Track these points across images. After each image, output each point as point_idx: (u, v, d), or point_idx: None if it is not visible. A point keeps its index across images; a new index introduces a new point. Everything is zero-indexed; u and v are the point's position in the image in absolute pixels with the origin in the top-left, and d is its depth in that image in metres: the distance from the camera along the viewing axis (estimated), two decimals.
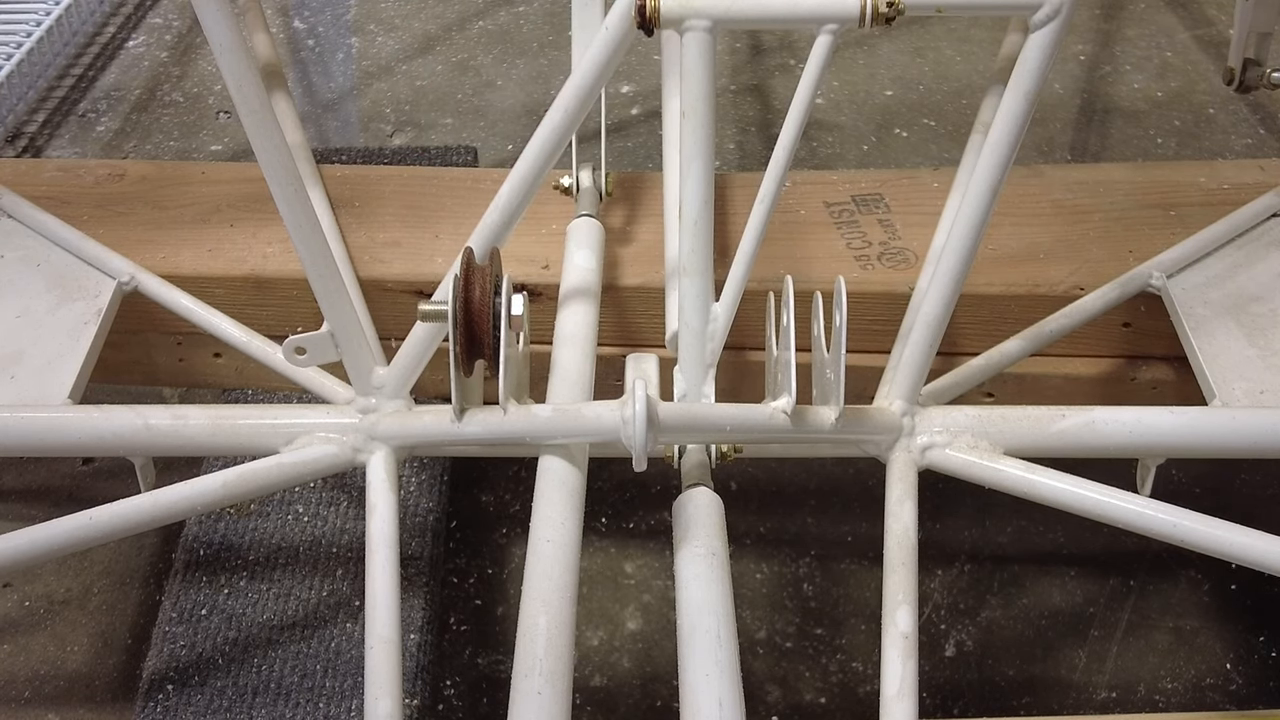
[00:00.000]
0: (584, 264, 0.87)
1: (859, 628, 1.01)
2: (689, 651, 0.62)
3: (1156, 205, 1.02)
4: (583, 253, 0.89)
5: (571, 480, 0.69)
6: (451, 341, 0.66)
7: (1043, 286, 0.95)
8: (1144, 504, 0.70)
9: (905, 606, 0.67)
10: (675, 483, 0.74)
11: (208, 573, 0.94)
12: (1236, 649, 1.00)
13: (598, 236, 0.91)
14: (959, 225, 0.72)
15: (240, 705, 0.85)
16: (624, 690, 0.97)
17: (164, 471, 0.85)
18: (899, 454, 0.74)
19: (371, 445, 0.76)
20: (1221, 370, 0.84)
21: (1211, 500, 1.11)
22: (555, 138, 0.74)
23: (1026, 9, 0.66)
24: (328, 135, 1.61)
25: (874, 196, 1.03)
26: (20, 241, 0.97)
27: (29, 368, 0.86)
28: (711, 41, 0.68)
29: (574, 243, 0.91)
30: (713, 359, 0.76)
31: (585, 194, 0.97)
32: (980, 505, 1.10)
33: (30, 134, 1.61)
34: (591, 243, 0.89)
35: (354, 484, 1.00)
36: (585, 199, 0.96)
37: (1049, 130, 1.59)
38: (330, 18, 1.86)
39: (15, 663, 0.98)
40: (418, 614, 0.91)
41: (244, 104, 0.69)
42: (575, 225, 0.93)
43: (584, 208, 0.95)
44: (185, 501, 0.75)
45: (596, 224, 0.93)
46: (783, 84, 1.70)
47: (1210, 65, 1.71)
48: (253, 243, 1.00)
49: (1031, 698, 0.97)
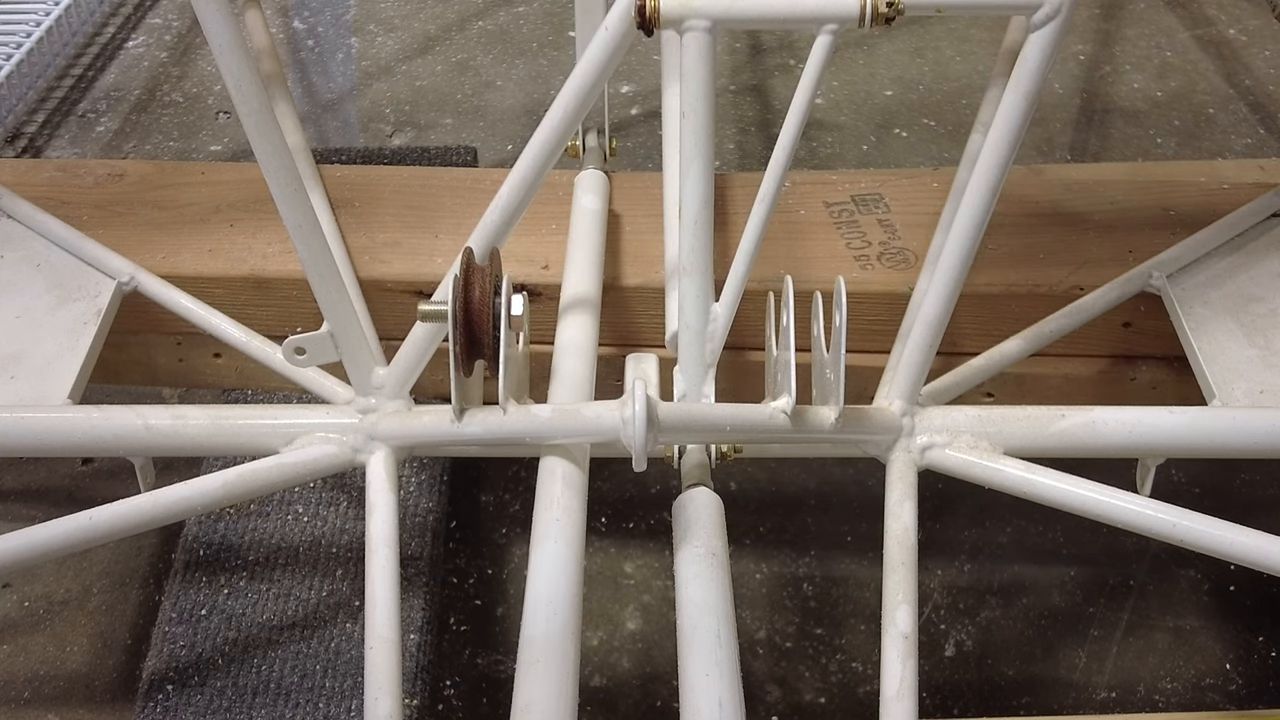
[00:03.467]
0: (590, 206, 0.93)
1: (859, 628, 1.01)
2: (689, 651, 0.62)
3: (1156, 205, 1.02)
4: (589, 197, 0.95)
5: (573, 480, 0.69)
6: (451, 341, 0.66)
7: (1043, 286, 0.95)
8: (1144, 504, 0.70)
9: (905, 606, 0.67)
10: (675, 483, 0.74)
11: (207, 573, 0.94)
12: (1236, 649, 1.00)
13: (603, 185, 0.98)
14: (959, 225, 0.72)
15: (240, 705, 0.85)
16: (624, 690, 0.97)
17: (164, 471, 0.85)
18: (899, 454, 0.74)
19: (371, 445, 0.76)
20: (1221, 370, 0.84)
21: (1211, 500, 1.11)
22: (555, 138, 0.74)
23: (1026, 9, 0.66)
24: (328, 135, 1.61)
25: (874, 196, 1.03)
26: (20, 241, 0.97)
27: (29, 368, 0.86)
28: (711, 41, 0.68)
29: (581, 189, 0.97)
30: (713, 359, 0.76)
31: (591, 152, 1.05)
32: (980, 505, 1.10)
33: (30, 134, 1.61)
34: (598, 189, 0.96)
35: (354, 484, 1.00)
36: (591, 156, 1.04)
37: (1049, 130, 1.59)
38: (330, 18, 1.86)
39: (15, 663, 0.98)
40: (417, 614, 0.91)
41: (244, 104, 0.69)
42: (583, 176, 1.00)
43: (591, 163, 1.03)
44: (185, 501, 0.75)
45: (602, 175, 0.99)
46: (783, 84, 1.70)
47: (1210, 65, 1.72)
48: (253, 243, 1.00)
49: (1031, 697, 0.97)
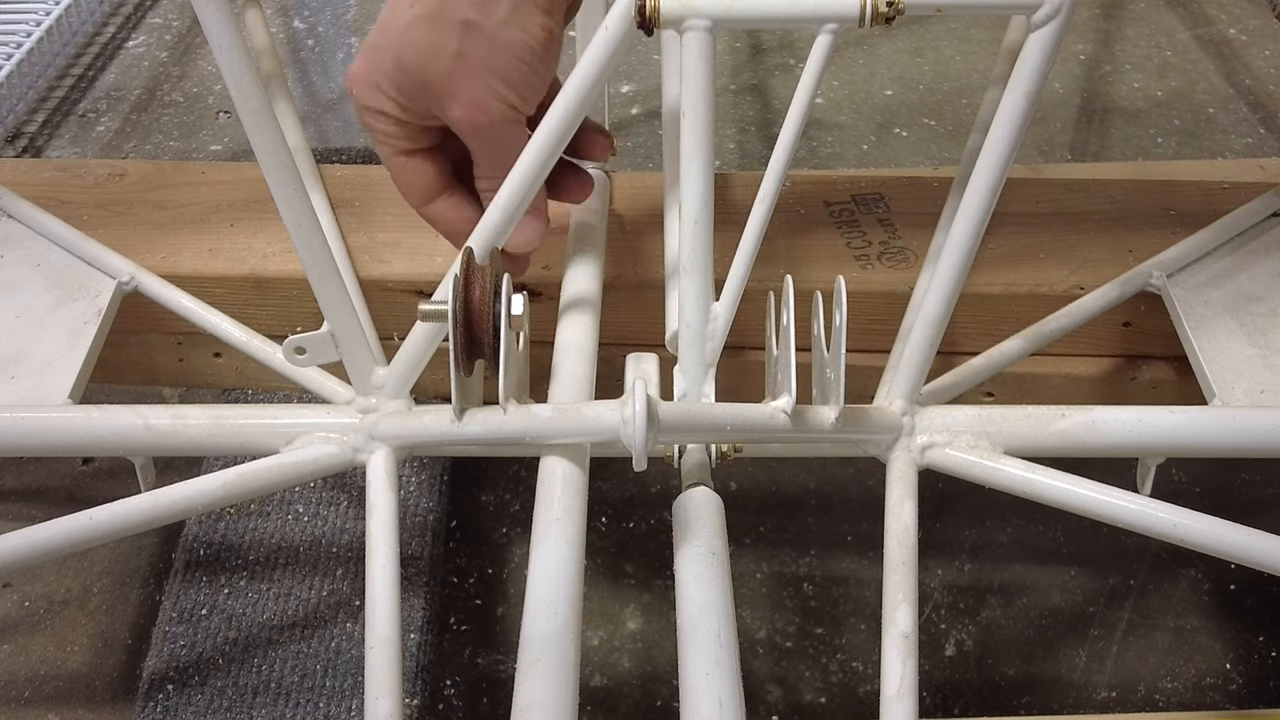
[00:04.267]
0: (591, 206, 0.91)
1: (859, 627, 1.01)
2: (689, 651, 0.62)
3: (1156, 204, 1.02)
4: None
5: (573, 480, 0.68)
6: (451, 341, 0.66)
7: (1043, 286, 0.95)
8: (1144, 503, 0.70)
9: (905, 606, 0.67)
10: (675, 482, 0.74)
11: (208, 572, 0.94)
12: (1236, 648, 1.00)
13: (604, 185, 0.95)
14: (959, 225, 0.72)
15: (240, 705, 0.85)
16: (624, 690, 0.97)
17: (164, 471, 0.85)
18: (899, 453, 0.74)
19: (371, 445, 0.76)
20: (1221, 369, 0.84)
21: (1211, 500, 1.11)
22: (555, 137, 0.74)
23: (1027, 8, 0.66)
24: (328, 135, 1.61)
25: (874, 196, 1.03)
26: (20, 241, 0.97)
27: (29, 368, 0.86)
28: (711, 41, 0.68)
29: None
30: (713, 358, 0.76)
31: None
32: (980, 505, 1.10)
33: (30, 134, 1.61)
34: (598, 189, 0.92)
35: (354, 484, 1.00)
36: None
37: (1049, 130, 1.59)
38: (330, 17, 1.86)
39: (15, 662, 0.98)
40: (418, 614, 0.91)
41: (244, 104, 0.69)
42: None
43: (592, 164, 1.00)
44: (185, 501, 0.75)
45: (602, 174, 0.96)
46: (783, 83, 1.70)
47: (1210, 65, 1.72)
48: (253, 243, 1.00)
49: (1032, 697, 0.97)
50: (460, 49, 0.74)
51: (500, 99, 0.75)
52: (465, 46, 0.74)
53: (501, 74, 0.75)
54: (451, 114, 0.76)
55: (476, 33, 0.74)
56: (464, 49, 0.74)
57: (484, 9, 0.73)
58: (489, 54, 0.74)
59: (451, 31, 0.74)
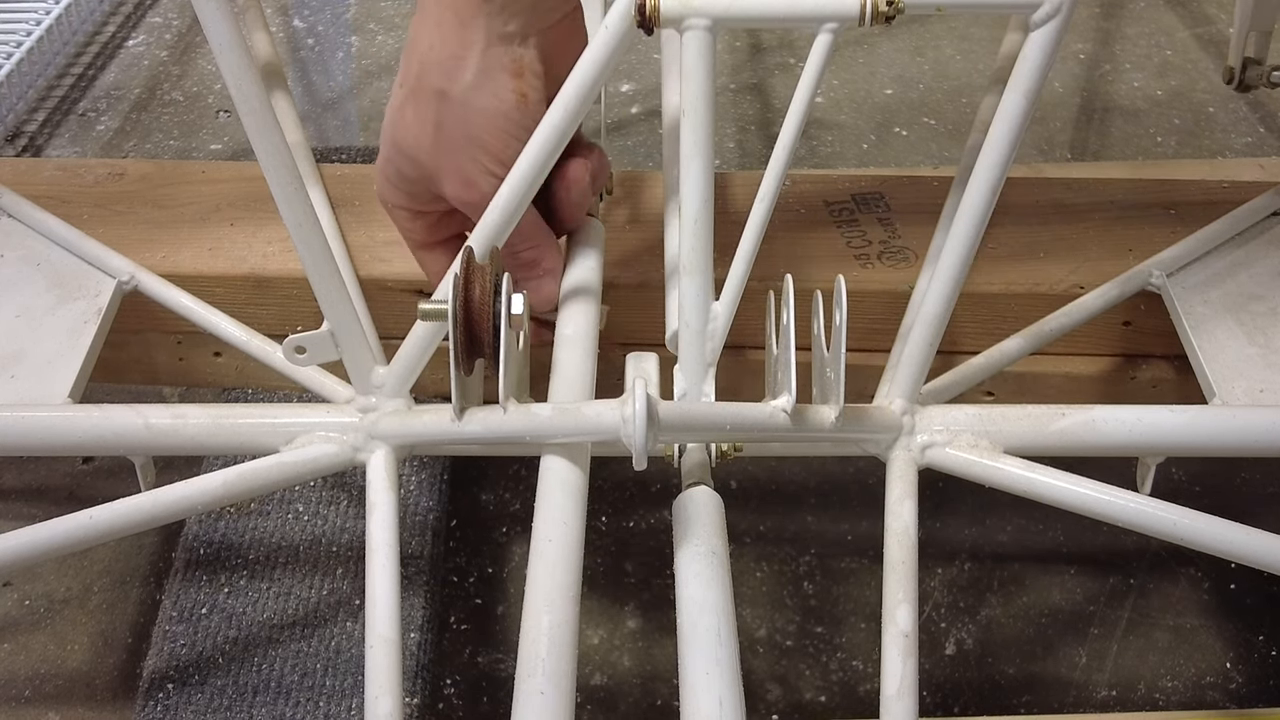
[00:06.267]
0: (585, 263, 0.87)
1: (859, 626, 1.01)
2: (689, 650, 0.62)
3: (1156, 203, 1.02)
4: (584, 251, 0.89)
5: (573, 479, 0.68)
6: (451, 341, 0.66)
7: (1043, 285, 0.95)
8: (1144, 502, 0.70)
9: (905, 605, 0.67)
10: (675, 481, 0.74)
11: (208, 572, 0.94)
12: (1236, 648, 1.00)
13: (598, 237, 0.91)
14: (959, 224, 0.72)
15: (240, 704, 0.85)
16: (624, 689, 0.97)
17: (164, 471, 0.85)
18: (899, 453, 0.74)
19: (371, 444, 0.76)
20: (1221, 369, 0.84)
21: (1211, 499, 1.11)
22: (556, 137, 0.74)
23: (1026, 7, 0.66)
24: (328, 134, 1.61)
25: (874, 195, 1.03)
26: (20, 241, 0.97)
27: (29, 367, 0.86)
28: (711, 40, 0.68)
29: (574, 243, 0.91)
30: (713, 358, 0.76)
31: None
32: (980, 504, 1.10)
33: (30, 133, 1.61)
34: (592, 242, 0.89)
35: (354, 483, 1.00)
36: None
37: (1049, 129, 1.59)
38: (330, 17, 1.86)
39: (15, 662, 0.98)
40: (418, 613, 0.91)
41: (244, 103, 0.69)
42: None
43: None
44: (185, 501, 0.75)
45: (597, 224, 0.93)
46: (783, 83, 1.70)
47: (1210, 64, 1.72)
48: (253, 242, 1.00)
49: (1032, 696, 0.97)
50: (438, 119, 0.75)
51: (484, 170, 0.76)
52: (441, 116, 0.75)
53: (479, 142, 0.75)
54: (446, 192, 0.77)
55: (449, 101, 0.74)
56: (441, 119, 0.75)
57: (450, 76, 0.74)
58: (464, 122, 0.75)
59: (429, 103, 0.75)
